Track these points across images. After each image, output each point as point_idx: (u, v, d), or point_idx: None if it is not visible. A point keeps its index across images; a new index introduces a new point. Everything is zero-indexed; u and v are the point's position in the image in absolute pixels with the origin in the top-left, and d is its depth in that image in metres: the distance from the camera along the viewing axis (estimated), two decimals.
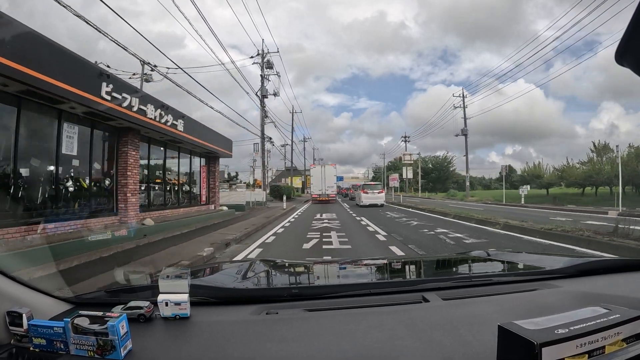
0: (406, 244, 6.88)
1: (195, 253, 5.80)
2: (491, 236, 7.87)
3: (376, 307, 0.99)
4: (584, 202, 22.14)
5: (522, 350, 0.55)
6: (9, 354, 0.78)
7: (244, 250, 6.60)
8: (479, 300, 1.03)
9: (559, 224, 8.35)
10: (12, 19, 4.72)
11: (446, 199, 34.61)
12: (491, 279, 1.25)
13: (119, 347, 0.72)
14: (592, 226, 8.14)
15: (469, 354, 0.71)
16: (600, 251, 5.53)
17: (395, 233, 8.60)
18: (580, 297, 0.99)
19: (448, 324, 0.84)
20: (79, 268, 4.60)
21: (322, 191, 25.33)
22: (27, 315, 0.78)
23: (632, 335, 0.62)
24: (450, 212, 13.28)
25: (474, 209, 15.75)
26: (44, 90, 5.36)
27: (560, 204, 20.37)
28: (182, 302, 0.90)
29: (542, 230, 7.54)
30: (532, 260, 1.67)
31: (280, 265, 1.77)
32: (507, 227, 8.76)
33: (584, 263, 1.35)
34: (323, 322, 0.90)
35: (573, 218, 11.62)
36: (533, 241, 6.99)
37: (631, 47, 0.55)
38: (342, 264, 1.91)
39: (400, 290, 1.14)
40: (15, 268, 0.93)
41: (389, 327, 0.84)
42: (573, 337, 0.56)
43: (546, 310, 0.83)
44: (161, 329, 0.87)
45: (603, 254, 4.87)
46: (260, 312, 0.97)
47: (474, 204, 23.96)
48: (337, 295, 1.11)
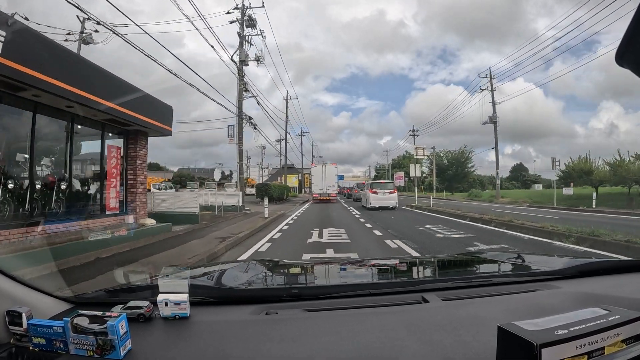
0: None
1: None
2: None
3: (376, 308, 0.99)
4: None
5: (521, 351, 0.55)
6: (8, 353, 0.78)
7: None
8: (479, 300, 1.03)
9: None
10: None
11: (469, 200, 29.95)
12: (491, 279, 1.25)
13: (119, 347, 0.72)
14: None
15: (469, 355, 0.71)
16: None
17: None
18: (580, 298, 0.99)
19: (448, 324, 0.84)
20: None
21: (323, 190, 25.32)
22: (27, 315, 0.78)
23: (632, 337, 0.61)
24: (549, 228, 7.73)
25: (545, 218, 11.06)
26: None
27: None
28: (182, 302, 0.90)
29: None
30: (532, 261, 1.67)
31: (280, 265, 1.77)
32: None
33: (584, 264, 1.35)
34: (323, 323, 0.90)
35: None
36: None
37: (631, 49, 0.55)
38: (342, 264, 1.91)
39: (400, 290, 1.14)
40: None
41: (388, 328, 0.84)
42: (573, 338, 0.56)
43: (546, 311, 0.83)
44: (161, 328, 0.87)
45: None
46: (259, 312, 0.97)
47: (518, 207, 19.35)
48: (337, 295, 1.11)
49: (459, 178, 47.20)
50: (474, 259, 1.93)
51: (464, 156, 47.65)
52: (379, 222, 10.98)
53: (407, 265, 1.95)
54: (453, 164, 47.10)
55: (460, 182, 47.42)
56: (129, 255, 5.70)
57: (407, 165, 54.18)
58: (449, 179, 46.47)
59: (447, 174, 46.26)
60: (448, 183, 46.26)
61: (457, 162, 47.18)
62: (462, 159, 47.54)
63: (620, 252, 5.64)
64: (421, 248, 6.49)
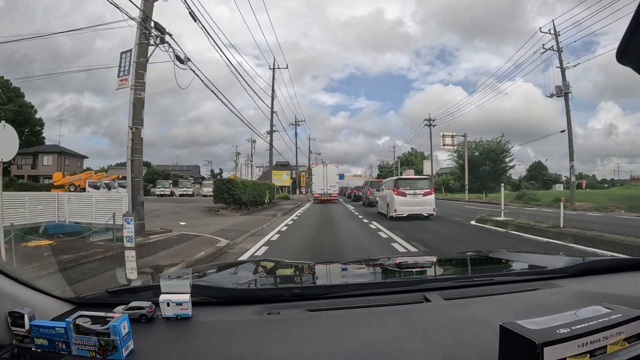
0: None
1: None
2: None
3: (378, 307, 0.99)
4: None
5: (523, 350, 0.55)
6: (10, 354, 0.78)
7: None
8: (481, 300, 1.03)
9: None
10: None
11: (521, 204, 20.73)
12: (493, 278, 1.25)
13: (121, 348, 0.72)
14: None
15: (471, 354, 0.71)
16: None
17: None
18: (582, 297, 0.99)
19: (449, 324, 0.84)
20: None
21: (324, 191, 25.29)
22: (29, 316, 0.78)
23: (634, 335, 0.61)
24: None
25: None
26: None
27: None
28: (184, 302, 0.90)
29: None
30: (533, 260, 1.67)
31: (282, 265, 1.77)
32: None
33: (586, 262, 1.35)
34: (324, 322, 0.90)
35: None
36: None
37: (632, 46, 0.55)
38: (344, 264, 1.91)
39: (401, 290, 1.14)
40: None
41: (390, 327, 0.84)
42: (575, 336, 0.56)
43: (548, 310, 0.82)
44: (163, 329, 0.87)
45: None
46: (261, 312, 0.97)
47: (633, 216, 12.92)
48: (338, 295, 1.11)
49: (496, 175, 35.18)
50: (475, 258, 1.92)
51: (501, 147, 35.90)
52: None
53: (408, 264, 1.95)
54: (488, 158, 35.44)
55: (497, 181, 34.07)
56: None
57: (416, 162, 47.43)
58: (482, 176, 34.46)
59: (481, 171, 34.40)
60: (481, 182, 34.33)
61: (494, 156, 35.72)
62: (499, 151, 35.95)
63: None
64: None
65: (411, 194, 11.55)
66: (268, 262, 1.85)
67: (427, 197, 11.61)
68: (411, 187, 11.75)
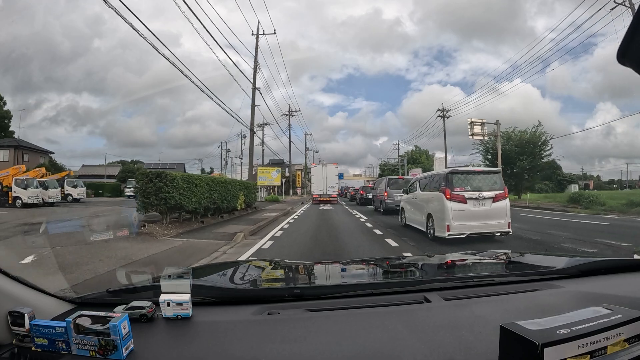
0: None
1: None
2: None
3: (378, 308, 0.99)
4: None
5: (524, 351, 0.55)
6: (11, 353, 0.78)
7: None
8: (481, 300, 1.03)
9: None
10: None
11: (572, 207, 16.74)
12: (493, 279, 1.25)
13: (121, 347, 0.72)
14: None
15: (471, 355, 0.71)
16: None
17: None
18: (582, 298, 0.99)
19: (450, 324, 0.84)
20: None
21: (324, 191, 25.26)
22: (29, 315, 0.78)
23: (634, 336, 0.61)
24: None
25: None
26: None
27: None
28: (184, 302, 0.90)
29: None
30: (534, 261, 1.67)
31: (282, 266, 1.77)
32: None
33: (586, 263, 1.35)
34: (325, 323, 0.90)
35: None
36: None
37: (633, 46, 0.55)
38: (344, 264, 1.91)
39: (402, 290, 1.14)
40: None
41: (390, 328, 0.84)
42: (575, 337, 0.56)
43: (548, 310, 0.82)
44: (163, 329, 0.87)
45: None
46: (261, 312, 0.97)
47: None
48: (338, 295, 1.11)
49: (535, 171, 27.81)
50: (475, 258, 1.92)
51: (539, 139, 27.16)
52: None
53: (409, 265, 1.95)
54: (524, 152, 26.77)
55: (533, 179, 28.45)
56: None
57: (422, 160, 44.28)
58: (518, 173, 26.98)
59: (518, 167, 26.71)
60: (515, 181, 26.93)
61: (530, 148, 26.97)
62: (538, 142, 27.13)
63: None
64: None
65: (475, 198, 6.71)
66: (268, 262, 1.85)
67: (499, 203, 6.85)
68: (474, 187, 6.86)
